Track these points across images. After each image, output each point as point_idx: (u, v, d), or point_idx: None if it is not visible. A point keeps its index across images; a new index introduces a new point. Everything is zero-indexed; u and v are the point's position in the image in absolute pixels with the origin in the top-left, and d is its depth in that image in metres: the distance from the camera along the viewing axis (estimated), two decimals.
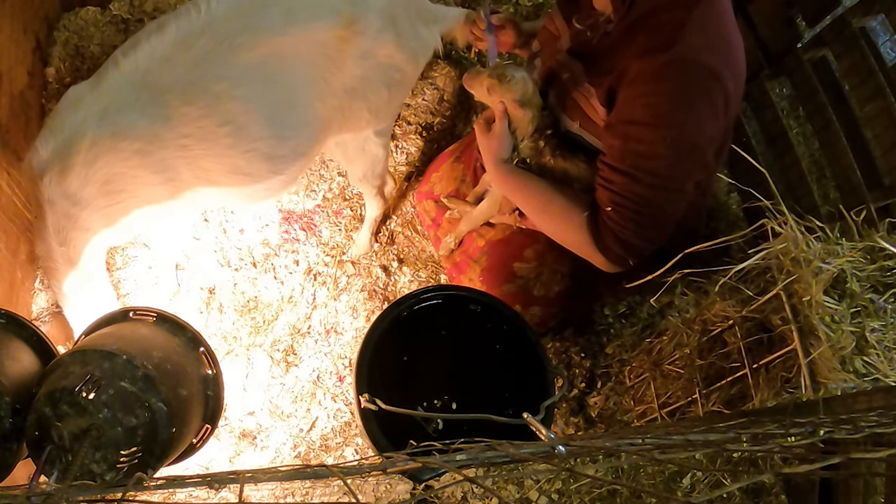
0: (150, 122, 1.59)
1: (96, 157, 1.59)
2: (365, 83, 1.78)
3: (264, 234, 2.48)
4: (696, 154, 1.56)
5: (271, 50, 1.62)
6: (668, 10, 1.50)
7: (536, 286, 2.04)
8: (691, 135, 1.52)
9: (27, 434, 1.07)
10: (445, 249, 2.24)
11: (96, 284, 1.86)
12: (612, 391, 2.22)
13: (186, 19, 1.58)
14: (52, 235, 1.67)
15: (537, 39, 1.99)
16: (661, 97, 1.49)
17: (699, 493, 1.70)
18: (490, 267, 2.09)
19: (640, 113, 1.51)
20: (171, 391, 1.17)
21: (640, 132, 1.52)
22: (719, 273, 1.55)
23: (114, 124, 1.57)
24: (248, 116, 1.65)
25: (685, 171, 1.57)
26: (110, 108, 1.57)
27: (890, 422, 0.89)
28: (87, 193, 1.64)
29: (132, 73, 1.57)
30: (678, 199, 1.60)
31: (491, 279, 2.08)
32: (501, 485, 2.06)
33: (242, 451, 2.20)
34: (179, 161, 1.67)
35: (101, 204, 1.67)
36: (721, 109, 1.51)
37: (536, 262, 2.03)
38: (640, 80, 1.50)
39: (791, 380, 1.36)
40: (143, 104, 1.58)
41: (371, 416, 1.52)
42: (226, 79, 1.60)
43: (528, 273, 2.04)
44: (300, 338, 2.35)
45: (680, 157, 1.53)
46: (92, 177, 1.61)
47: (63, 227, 1.67)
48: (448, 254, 2.24)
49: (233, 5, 1.60)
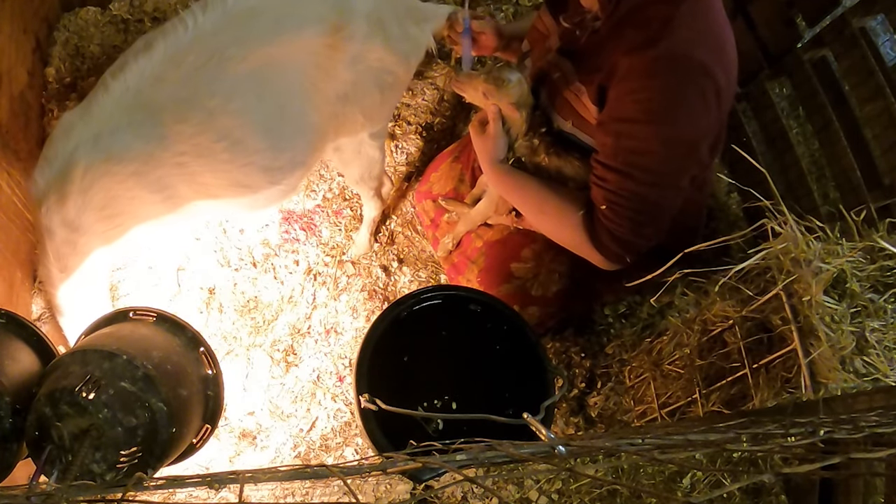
0: (144, 142, 1.58)
1: (91, 184, 1.57)
2: (357, 88, 1.77)
3: (264, 234, 2.48)
4: (689, 149, 1.56)
5: (261, 61, 1.61)
6: (655, 6, 1.49)
7: (534, 286, 2.04)
8: (684, 130, 1.51)
9: (27, 434, 1.07)
10: (443, 250, 2.24)
11: (96, 306, 1.85)
12: (612, 391, 2.22)
13: (174, 36, 1.55)
14: (52, 262, 1.67)
15: (527, 39, 1.98)
16: (651, 93, 1.48)
17: (699, 493, 1.70)
18: (488, 268, 2.09)
19: (631, 109, 1.51)
20: (171, 391, 1.17)
21: (632, 129, 1.52)
22: (719, 273, 1.55)
23: (107, 148, 1.55)
24: (244, 130, 1.64)
25: (679, 167, 1.57)
26: (103, 133, 1.55)
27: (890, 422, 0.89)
28: (86, 220, 1.62)
29: (123, 94, 1.55)
30: (673, 194, 1.60)
31: (488, 280, 2.08)
32: (501, 485, 2.06)
33: (242, 451, 2.20)
34: (177, 178, 1.66)
35: (99, 229, 1.67)
36: (713, 103, 1.50)
37: (534, 263, 2.03)
38: (629, 77, 1.49)
39: (791, 380, 1.36)
40: (137, 125, 1.57)
41: (371, 416, 1.52)
42: (218, 94, 1.59)
43: (525, 273, 2.04)
44: (300, 338, 2.35)
45: (673, 152, 1.53)
46: (89, 203, 1.60)
47: (64, 254, 1.66)
48: (446, 255, 2.24)
49: (220, 19, 1.58)
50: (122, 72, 1.55)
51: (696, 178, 1.69)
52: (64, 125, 1.59)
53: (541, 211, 1.79)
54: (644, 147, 1.52)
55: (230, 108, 1.61)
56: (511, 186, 1.83)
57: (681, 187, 1.59)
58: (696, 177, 1.68)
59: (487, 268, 2.09)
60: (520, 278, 2.04)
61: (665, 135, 1.50)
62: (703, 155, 1.61)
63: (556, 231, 1.79)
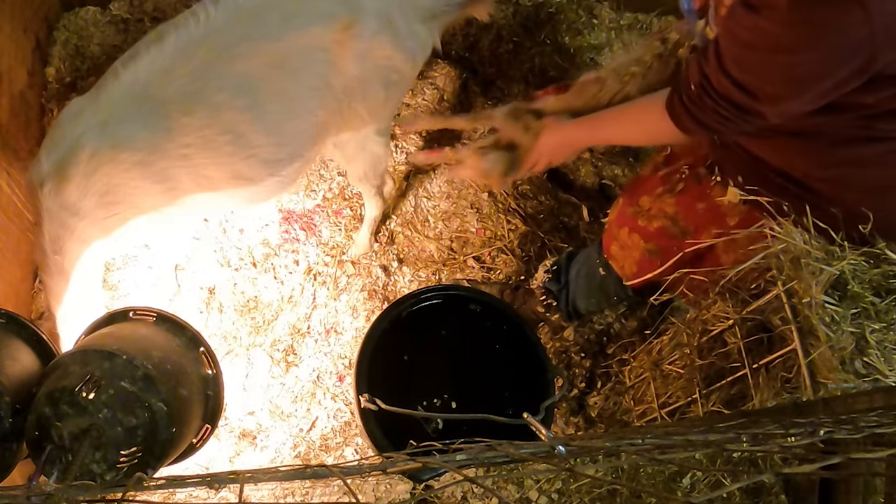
0: (150, 133, 1.60)
1: (96, 169, 1.60)
2: (362, 84, 1.78)
3: (264, 234, 2.49)
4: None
5: (270, 57, 1.63)
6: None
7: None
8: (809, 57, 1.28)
9: (27, 434, 1.07)
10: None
11: (88, 298, 1.85)
12: (612, 391, 2.22)
13: (185, 30, 1.59)
14: (47, 243, 1.68)
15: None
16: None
17: (699, 492, 1.70)
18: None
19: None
20: (171, 391, 1.17)
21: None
22: (719, 273, 1.55)
23: (114, 136, 1.58)
24: (249, 125, 1.67)
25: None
26: (111, 120, 1.58)
27: (890, 422, 0.89)
28: (86, 204, 1.64)
29: (132, 84, 1.58)
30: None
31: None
32: (501, 485, 2.06)
33: (242, 450, 2.20)
34: (181, 171, 1.68)
35: (99, 215, 1.68)
36: (861, 55, 1.24)
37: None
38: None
39: (791, 380, 1.36)
40: (144, 116, 1.59)
41: (371, 416, 1.52)
42: (226, 89, 1.62)
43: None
44: (300, 338, 2.35)
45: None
46: (91, 188, 1.62)
47: (59, 236, 1.67)
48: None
49: (231, 14, 1.61)
50: (134, 61, 1.59)
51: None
52: (72, 110, 1.62)
53: (618, 119, 1.75)
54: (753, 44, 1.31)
55: (237, 104, 1.63)
56: (588, 124, 1.79)
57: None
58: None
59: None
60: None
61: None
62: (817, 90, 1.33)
63: (637, 124, 1.72)
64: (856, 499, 1.25)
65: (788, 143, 1.48)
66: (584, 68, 2.84)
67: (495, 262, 2.50)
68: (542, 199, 2.58)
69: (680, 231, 1.76)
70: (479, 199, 2.58)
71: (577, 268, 2.18)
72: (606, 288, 2.09)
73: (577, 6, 2.92)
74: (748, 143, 1.56)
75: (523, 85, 2.77)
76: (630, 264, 1.91)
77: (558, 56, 2.82)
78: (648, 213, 1.83)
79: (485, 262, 2.50)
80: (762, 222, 1.42)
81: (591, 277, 2.12)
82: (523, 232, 2.52)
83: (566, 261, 2.24)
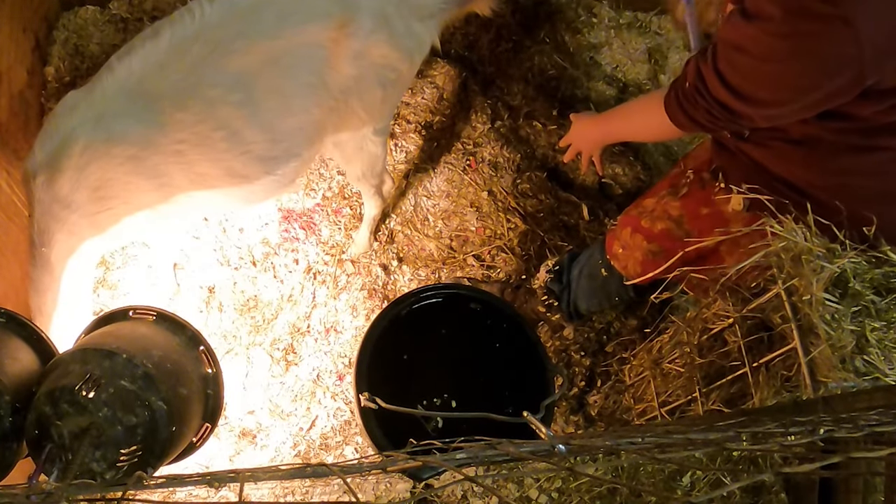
0: (144, 128, 1.60)
1: (89, 162, 1.59)
2: (359, 83, 1.78)
3: (264, 233, 2.48)
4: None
5: (265, 54, 1.63)
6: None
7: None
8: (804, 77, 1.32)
9: (27, 433, 1.07)
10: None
11: (72, 296, 1.83)
12: (612, 390, 2.22)
13: (181, 25, 1.59)
14: (36, 235, 1.67)
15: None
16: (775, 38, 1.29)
17: (699, 492, 1.70)
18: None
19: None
20: (171, 390, 1.17)
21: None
22: (720, 271, 1.55)
23: (108, 130, 1.58)
24: (243, 121, 1.66)
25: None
26: (105, 114, 1.58)
27: (890, 421, 0.89)
28: (78, 198, 1.64)
29: (127, 79, 1.58)
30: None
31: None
32: (501, 483, 2.06)
33: (242, 449, 2.20)
34: (174, 167, 1.68)
35: (91, 209, 1.68)
36: (847, 71, 1.27)
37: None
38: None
39: (791, 378, 1.36)
40: (138, 110, 1.59)
41: (371, 415, 1.52)
42: (220, 85, 1.61)
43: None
44: (300, 336, 2.35)
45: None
46: (83, 181, 1.62)
47: (49, 228, 1.67)
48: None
49: (226, 11, 1.61)
50: (129, 56, 1.59)
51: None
52: (68, 103, 1.62)
53: (630, 115, 1.82)
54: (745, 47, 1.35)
55: (231, 100, 1.63)
56: (619, 115, 1.86)
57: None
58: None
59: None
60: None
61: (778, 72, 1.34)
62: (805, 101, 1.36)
63: (643, 119, 1.78)
64: (856, 498, 1.25)
65: (789, 151, 1.51)
66: (584, 67, 2.85)
67: (495, 260, 2.50)
68: (542, 198, 2.58)
69: (684, 234, 1.77)
70: (478, 197, 2.58)
71: (580, 268, 2.18)
72: (608, 289, 2.10)
73: (576, 5, 2.92)
74: (751, 150, 1.58)
75: (523, 84, 2.77)
76: (633, 265, 1.91)
77: (558, 55, 2.82)
78: (652, 215, 1.84)
79: (484, 261, 2.50)
80: (762, 220, 1.42)
81: (593, 278, 2.12)
82: (523, 231, 2.52)
83: (568, 261, 2.24)
